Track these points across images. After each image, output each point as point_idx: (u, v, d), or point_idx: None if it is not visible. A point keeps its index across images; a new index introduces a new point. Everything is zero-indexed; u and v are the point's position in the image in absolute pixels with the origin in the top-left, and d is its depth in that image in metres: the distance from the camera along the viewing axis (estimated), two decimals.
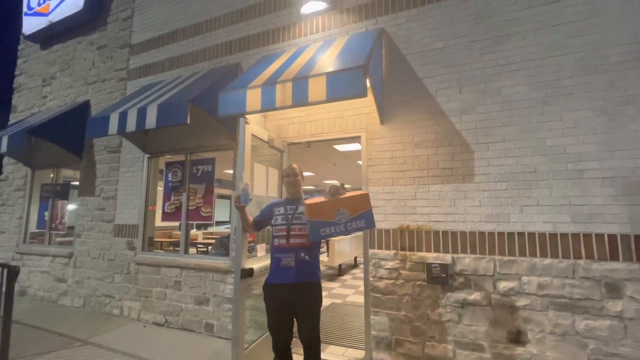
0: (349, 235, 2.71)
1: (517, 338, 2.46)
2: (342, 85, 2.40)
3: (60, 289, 4.85)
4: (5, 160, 6.08)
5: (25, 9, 5.94)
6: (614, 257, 2.30)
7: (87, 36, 5.38)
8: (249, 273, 2.54)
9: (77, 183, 5.25)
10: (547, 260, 2.45)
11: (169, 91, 3.66)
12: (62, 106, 5.29)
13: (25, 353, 3.10)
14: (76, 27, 5.44)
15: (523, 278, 2.50)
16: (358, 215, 2.10)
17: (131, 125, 3.38)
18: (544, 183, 2.53)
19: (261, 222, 2.46)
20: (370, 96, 2.80)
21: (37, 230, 5.51)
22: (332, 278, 6.86)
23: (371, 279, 2.97)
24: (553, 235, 2.46)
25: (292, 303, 2.18)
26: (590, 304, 2.31)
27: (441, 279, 2.70)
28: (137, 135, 4.27)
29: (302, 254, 2.22)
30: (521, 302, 2.48)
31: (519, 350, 2.44)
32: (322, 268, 8.36)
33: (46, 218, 5.31)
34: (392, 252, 2.93)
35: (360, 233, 3.08)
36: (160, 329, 3.89)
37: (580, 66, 2.53)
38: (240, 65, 3.93)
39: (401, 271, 2.87)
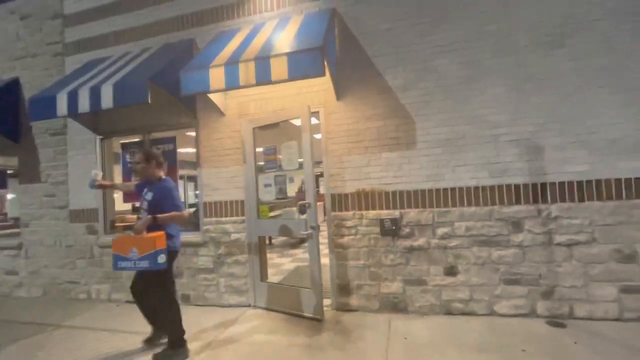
0: None
1: (451, 271, 3.11)
2: (302, 66, 2.65)
3: (12, 282, 4.61)
4: None
5: None
6: (517, 202, 2.98)
7: (4, 3, 4.75)
8: None
9: (11, 171, 4.85)
10: (473, 208, 3.08)
11: (121, 68, 3.54)
12: None
13: None
14: None
15: (455, 224, 3.11)
16: (144, 256, 2.47)
17: (84, 105, 3.27)
18: (470, 147, 3.11)
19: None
20: (327, 74, 3.07)
21: None
22: (294, 246, 7.31)
23: (334, 237, 3.41)
24: (476, 189, 3.08)
25: None
26: (501, 239, 3.00)
27: (392, 230, 3.23)
28: (86, 116, 4.07)
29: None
30: (453, 243, 3.11)
31: (452, 279, 3.10)
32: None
33: None
34: (351, 212, 3.37)
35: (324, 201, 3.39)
36: (133, 306, 3.96)
37: (496, 49, 3.07)
38: (194, 41, 3.89)
39: (359, 227, 3.34)
